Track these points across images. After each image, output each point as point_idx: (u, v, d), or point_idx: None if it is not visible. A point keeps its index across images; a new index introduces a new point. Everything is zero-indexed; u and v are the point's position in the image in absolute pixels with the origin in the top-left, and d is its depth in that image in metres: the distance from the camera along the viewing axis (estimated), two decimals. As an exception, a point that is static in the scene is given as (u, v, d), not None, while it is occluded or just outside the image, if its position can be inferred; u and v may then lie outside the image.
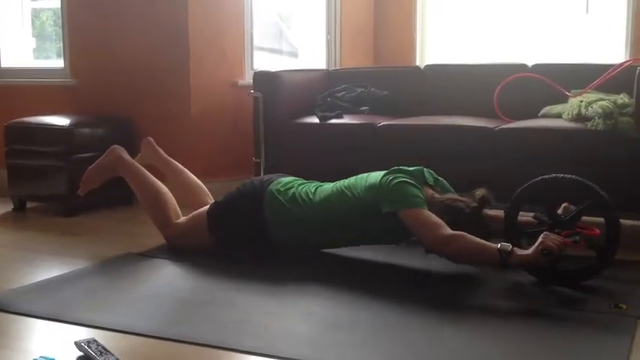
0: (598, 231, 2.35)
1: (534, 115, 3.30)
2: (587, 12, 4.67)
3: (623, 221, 2.38)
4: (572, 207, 2.40)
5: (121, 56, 3.91)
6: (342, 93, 3.77)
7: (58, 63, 4.25)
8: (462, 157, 3.11)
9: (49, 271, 2.57)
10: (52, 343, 1.92)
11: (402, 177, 2.48)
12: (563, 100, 3.26)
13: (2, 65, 4.38)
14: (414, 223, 2.39)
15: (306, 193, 2.65)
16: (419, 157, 3.09)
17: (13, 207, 3.70)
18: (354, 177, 2.65)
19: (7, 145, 3.72)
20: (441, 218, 2.39)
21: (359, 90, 3.78)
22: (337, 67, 4.70)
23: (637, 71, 2.84)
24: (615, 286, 2.33)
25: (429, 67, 3.90)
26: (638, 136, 2.79)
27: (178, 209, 2.88)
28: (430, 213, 2.40)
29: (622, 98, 2.97)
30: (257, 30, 4.19)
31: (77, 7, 4.02)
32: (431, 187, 2.58)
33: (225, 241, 2.73)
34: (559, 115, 3.15)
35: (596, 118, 2.84)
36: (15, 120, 3.74)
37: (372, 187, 2.52)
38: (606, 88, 3.18)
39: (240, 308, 2.15)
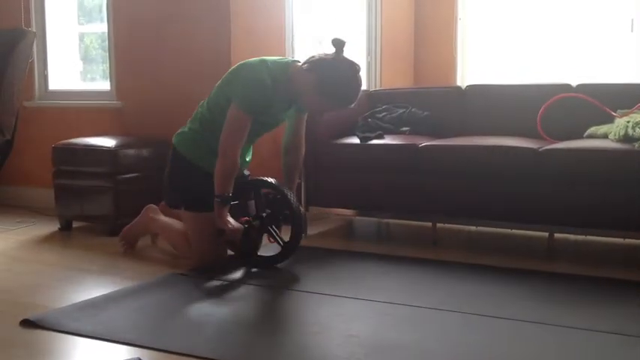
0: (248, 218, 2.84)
1: (579, 136, 3.25)
2: (632, 30, 4.60)
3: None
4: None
5: (165, 79, 3.98)
6: (384, 114, 3.77)
7: (104, 85, 4.34)
8: (505, 178, 3.07)
9: (94, 290, 2.61)
10: (98, 362, 1.95)
11: (261, 70, 2.74)
12: (609, 120, 3.20)
13: (50, 88, 4.49)
14: (229, 119, 2.73)
15: (200, 112, 2.96)
16: (460, 178, 3.07)
17: (59, 226, 3.77)
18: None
19: (55, 165, 3.80)
20: (311, 78, 2.68)
21: (400, 111, 3.78)
22: (378, 88, 4.71)
23: (686, 91, 2.78)
24: None
25: (470, 87, 3.88)
26: (687, 157, 2.73)
27: None
28: (243, 124, 2.72)
29: (670, 118, 2.91)
30: (297, 51, 4.23)
31: (123, 31, 4.11)
32: None
33: (189, 199, 2.91)
34: (605, 136, 3.10)
35: (644, 138, 2.78)
36: (62, 141, 3.82)
37: (238, 67, 2.85)
38: (654, 108, 3.12)
39: (284, 329, 2.15)
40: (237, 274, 2.81)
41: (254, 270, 2.86)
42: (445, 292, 2.53)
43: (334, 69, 2.69)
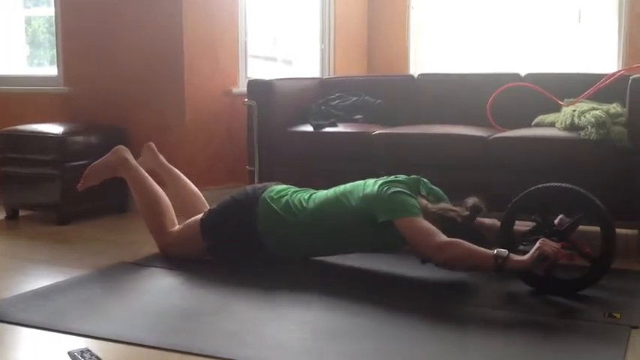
0: (590, 250, 2.35)
1: (527, 125, 3.31)
2: (579, 22, 4.71)
3: (617, 230, 2.39)
4: (567, 219, 2.40)
5: (115, 65, 3.91)
6: (337, 101, 3.78)
7: (52, 70, 4.24)
8: (456, 165, 3.12)
9: (42, 280, 2.56)
10: (45, 353, 1.91)
11: (399, 186, 2.49)
12: (557, 109, 3.28)
13: (-4, 73, 4.37)
14: (410, 231, 2.40)
15: (300, 201, 2.65)
16: (412, 166, 3.09)
17: (5, 215, 3.68)
18: (349, 184, 2.65)
19: (1, 153, 3.70)
20: (435, 226, 2.40)
21: (353, 99, 3.79)
22: (331, 76, 4.71)
23: (629, 81, 2.86)
24: (609, 295, 2.34)
25: (422, 76, 3.91)
26: (630, 145, 2.81)
27: (175, 218, 2.87)
28: (425, 221, 2.41)
29: (615, 107, 2.98)
30: (251, 37, 4.20)
31: (71, 14, 4.02)
32: (424, 197, 2.59)
33: (218, 249, 2.73)
34: (552, 125, 3.17)
35: (589, 127, 2.85)
36: (8, 128, 3.73)
37: (369, 196, 2.51)
38: (599, 97, 3.20)
39: (234, 318, 2.15)
40: (187, 265, 2.78)
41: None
42: (400, 281, 2.56)
43: (462, 237, 2.35)
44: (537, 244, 2.23)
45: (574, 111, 3.01)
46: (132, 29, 3.83)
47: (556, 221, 2.40)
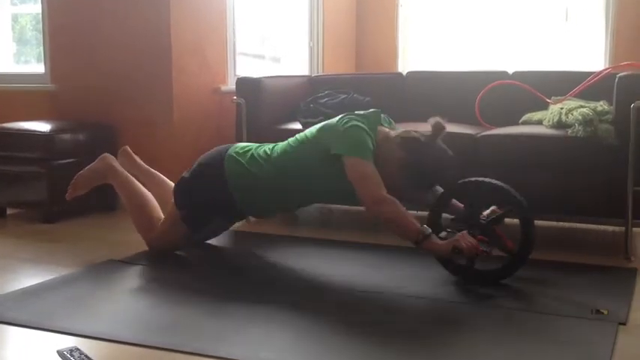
0: (511, 245, 2.43)
1: (515, 122, 3.33)
2: (566, 20, 4.74)
3: (603, 227, 2.41)
4: (499, 211, 2.47)
5: (102, 62, 3.89)
6: (325, 99, 3.78)
7: (39, 68, 4.21)
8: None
9: (29, 278, 2.55)
10: (34, 352, 1.90)
11: (359, 121, 2.51)
12: (544, 107, 3.29)
13: (-19, 70, 4.33)
14: (355, 173, 2.43)
15: (264, 152, 2.70)
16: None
17: (-8, 213, 3.66)
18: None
19: (-13, 151, 3.68)
20: (398, 154, 2.46)
21: (341, 96, 3.79)
22: (320, 74, 4.71)
23: (616, 79, 2.88)
24: (596, 292, 2.36)
25: (411, 73, 3.92)
26: (617, 142, 2.83)
27: (162, 215, 2.88)
28: (374, 168, 2.42)
29: (602, 105, 3.00)
30: (239, 35, 4.19)
31: (58, 11, 3.99)
32: (385, 127, 2.63)
33: (193, 217, 2.75)
34: (540, 122, 3.19)
35: (577, 125, 2.87)
36: (-6, 125, 3.70)
37: (326, 126, 2.58)
38: (586, 95, 3.22)
39: (222, 315, 2.15)
40: (176, 263, 2.78)
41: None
42: (385, 275, 2.57)
43: (426, 156, 2.47)
44: (455, 237, 2.31)
45: (561, 109, 3.03)
46: (120, 27, 3.81)
47: (487, 212, 2.46)
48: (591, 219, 3.00)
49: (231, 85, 3.94)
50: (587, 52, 4.63)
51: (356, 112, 2.59)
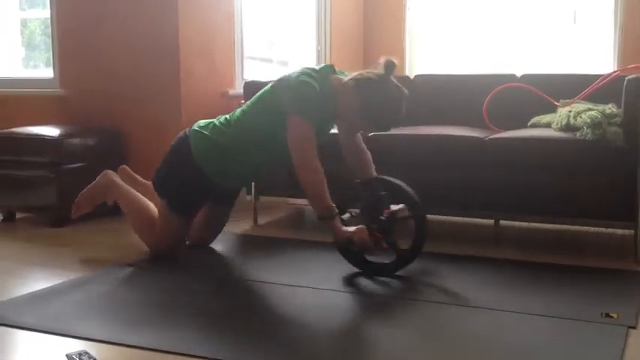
0: (400, 247, 2.56)
1: (523, 125, 3.32)
2: (574, 22, 4.72)
3: (612, 230, 2.40)
4: (404, 213, 2.59)
5: (111, 66, 3.90)
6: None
7: (48, 73, 4.23)
8: (452, 166, 3.12)
9: (38, 282, 2.56)
10: (43, 356, 1.91)
11: (309, 76, 2.54)
12: (552, 110, 3.29)
13: (-9, 75, 4.36)
14: (294, 135, 2.51)
15: (225, 119, 2.76)
16: (408, 167, 3.10)
17: (2, 218, 3.67)
18: None
19: (-3, 155, 3.70)
20: (354, 98, 2.51)
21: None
22: (327, 77, 4.71)
23: (625, 81, 2.87)
24: (606, 295, 2.34)
25: (418, 77, 3.91)
26: (625, 145, 2.82)
27: None
28: (312, 133, 2.49)
29: (610, 108, 2.99)
30: (246, 38, 4.20)
31: (67, 16, 4.01)
32: (339, 76, 2.66)
33: (176, 202, 2.78)
34: (548, 125, 3.18)
35: (585, 128, 2.86)
36: (4, 130, 3.72)
37: (281, 81, 2.62)
38: (594, 98, 3.21)
39: (232, 319, 2.15)
40: (183, 266, 2.79)
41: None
42: (388, 279, 2.56)
43: (381, 93, 2.53)
44: (355, 228, 2.44)
45: (570, 112, 3.02)
46: (128, 31, 3.83)
47: (396, 208, 2.57)
48: (601, 222, 2.99)
49: (238, 88, 3.95)
50: (596, 55, 4.62)
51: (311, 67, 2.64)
